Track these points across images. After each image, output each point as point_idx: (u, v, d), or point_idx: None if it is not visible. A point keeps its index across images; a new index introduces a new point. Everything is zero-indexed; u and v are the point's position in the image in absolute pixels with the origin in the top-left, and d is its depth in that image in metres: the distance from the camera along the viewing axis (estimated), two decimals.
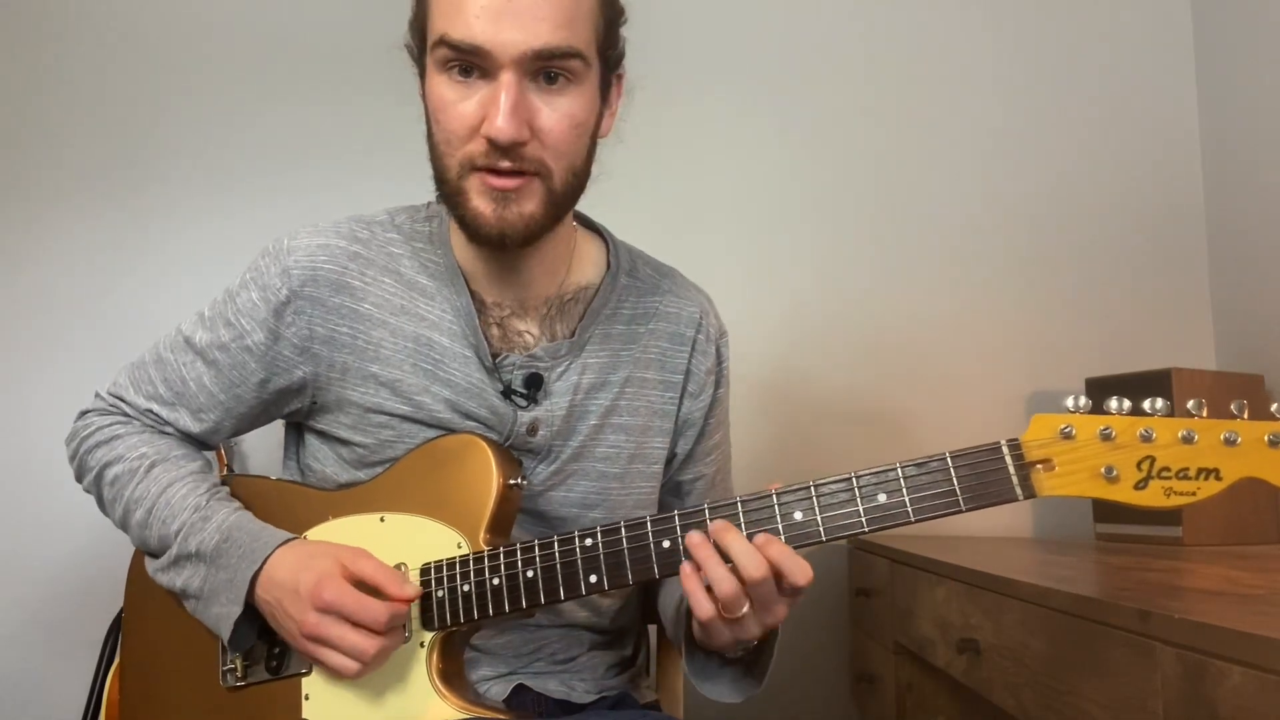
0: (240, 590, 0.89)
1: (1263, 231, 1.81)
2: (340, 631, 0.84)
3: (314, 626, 0.85)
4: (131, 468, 0.98)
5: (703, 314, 1.07)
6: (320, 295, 0.96)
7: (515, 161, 0.85)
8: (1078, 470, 0.75)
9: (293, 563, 0.88)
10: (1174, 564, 1.21)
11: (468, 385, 0.96)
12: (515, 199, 0.87)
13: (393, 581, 0.86)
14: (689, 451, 1.08)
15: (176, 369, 1.01)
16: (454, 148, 0.87)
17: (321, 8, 2.03)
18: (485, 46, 0.82)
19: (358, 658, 0.85)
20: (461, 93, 0.85)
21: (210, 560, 0.92)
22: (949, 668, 1.26)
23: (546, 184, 0.88)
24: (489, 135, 0.84)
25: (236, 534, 0.92)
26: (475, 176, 0.87)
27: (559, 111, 0.86)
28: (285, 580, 0.88)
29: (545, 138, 0.86)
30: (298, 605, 0.86)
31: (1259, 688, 0.63)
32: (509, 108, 0.83)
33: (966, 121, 2.02)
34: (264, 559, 0.89)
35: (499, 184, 0.86)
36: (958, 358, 1.97)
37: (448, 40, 0.84)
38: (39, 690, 1.88)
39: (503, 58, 0.83)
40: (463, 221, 0.90)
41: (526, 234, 0.89)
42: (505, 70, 0.83)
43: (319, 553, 0.89)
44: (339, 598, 0.84)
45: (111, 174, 1.99)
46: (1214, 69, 1.97)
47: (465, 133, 0.86)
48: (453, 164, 0.87)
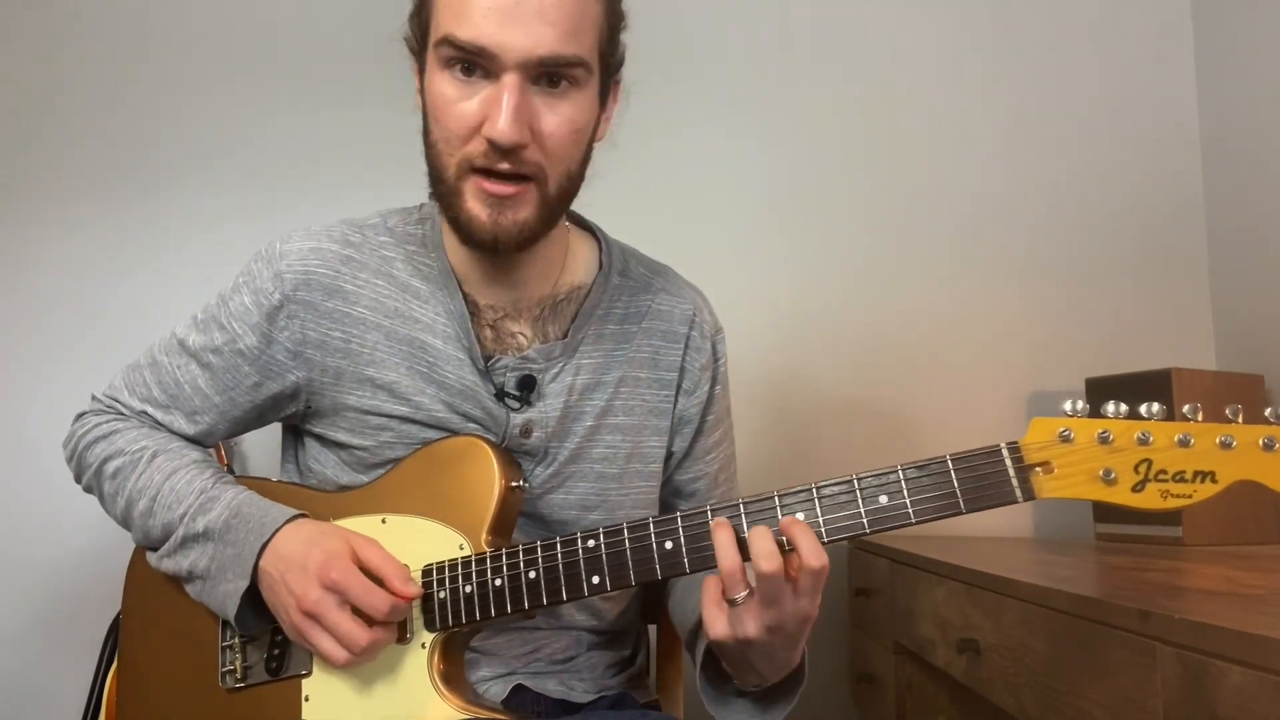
0: (247, 564, 0.89)
1: (1263, 231, 1.82)
2: (338, 616, 0.84)
3: (314, 604, 0.84)
4: (133, 459, 0.98)
5: (696, 311, 1.07)
6: (313, 299, 0.96)
7: (514, 164, 0.85)
8: (1076, 473, 0.75)
9: (304, 538, 0.88)
10: (1174, 564, 1.22)
11: (461, 387, 0.96)
12: (511, 205, 0.87)
13: (398, 576, 0.86)
14: (688, 450, 1.07)
15: (171, 371, 1.01)
16: (453, 147, 0.87)
17: (327, 14, 2.03)
18: (491, 48, 0.82)
19: (349, 646, 0.84)
20: (463, 92, 0.85)
21: (219, 538, 0.92)
22: (949, 668, 1.26)
23: (541, 190, 0.88)
24: (490, 137, 0.83)
25: (246, 509, 0.92)
26: (472, 179, 0.87)
27: (560, 116, 0.86)
28: (293, 554, 0.87)
29: (545, 142, 0.86)
30: (302, 580, 0.85)
31: (1259, 688, 0.64)
32: (512, 111, 0.83)
33: (966, 121, 2.02)
34: (274, 531, 0.89)
35: (496, 190, 0.86)
36: (958, 358, 1.97)
37: (453, 40, 0.83)
38: (39, 690, 1.88)
39: (507, 60, 0.83)
40: (456, 223, 0.90)
41: (520, 240, 0.89)
42: (509, 72, 0.83)
43: (331, 533, 0.89)
44: (345, 578, 0.84)
45: (115, 178, 1.99)
46: (1214, 69, 1.97)
47: (465, 132, 0.85)
48: (450, 163, 0.87)
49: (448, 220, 0.92)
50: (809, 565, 0.76)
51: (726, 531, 0.79)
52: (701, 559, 0.82)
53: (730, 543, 0.78)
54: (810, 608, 0.79)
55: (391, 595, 0.85)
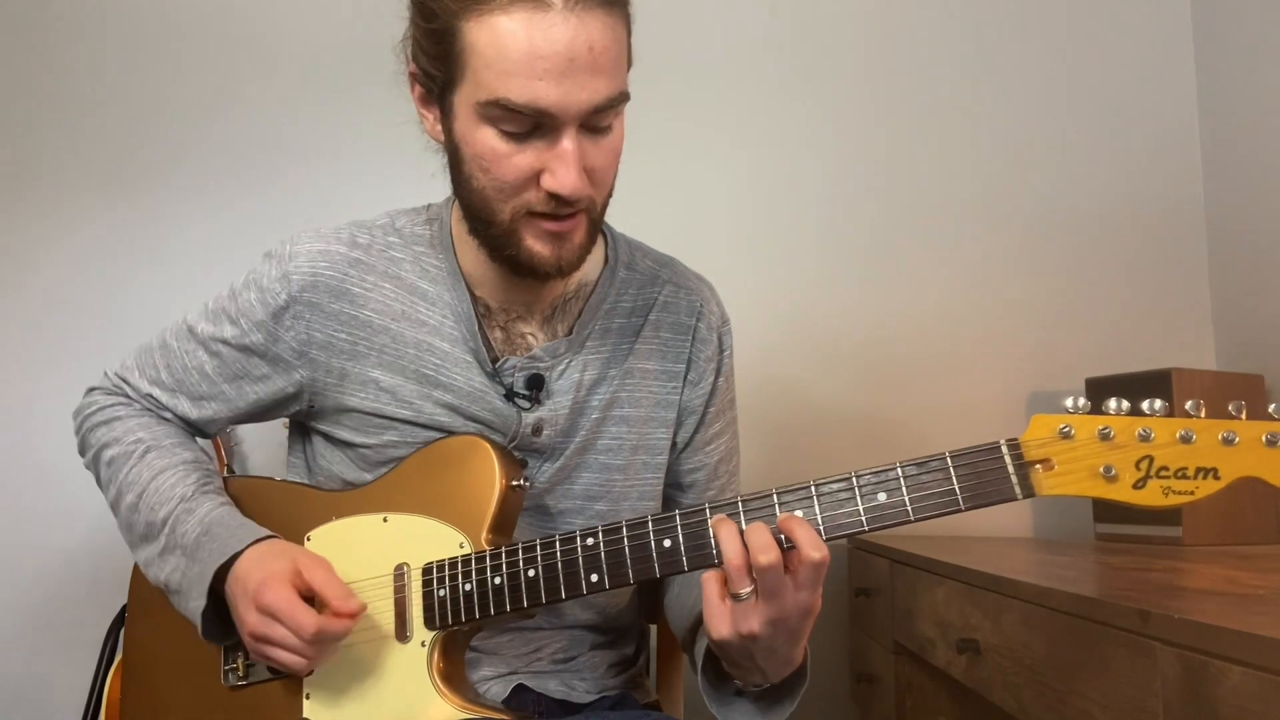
0: (205, 585, 0.90)
1: (1263, 231, 1.82)
2: (281, 633, 0.85)
3: (255, 625, 0.86)
4: (127, 450, 1.00)
5: (703, 302, 1.07)
6: (319, 301, 0.97)
7: (573, 206, 0.86)
8: (1077, 470, 0.75)
9: (254, 562, 0.89)
10: (1174, 564, 1.22)
11: (469, 390, 0.96)
12: (569, 236, 0.89)
13: (337, 597, 0.86)
14: (689, 440, 1.08)
15: (180, 356, 1.02)
16: (507, 195, 0.86)
17: (324, 7, 2.03)
18: (552, 111, 0.81)
19: (291, 665, 0.87)
20: (515, 146, 0.84)
21: (189, 553, 0.93)
22: (949, 668, 1.26)
23: (591, 215, 0.90)
24: (556, 192, 0.84)
25: (216, 528, 0.93)
26: (532, 221, 0.87)
27: (605, 149, 0.87)
28: (244, 577, 0.88)
29: (595, 176, 0.87)
30: (244, 603, 0.87)
31: (1259, 688, 0.64)
32: (576, 166, 0.83)
33: (966, 121, 2.02)
34: (234, 554, 0.90)
35: (558, 230, 0.87)
36: (958, 358, 1.97)
37: (509, 104, 0.81)
38: (39, 690, 1.88)
39: (566, 117, 0.82)
40: (514, 260, 0.90)
41: (579, 263, 0.92)
42: (568, 127, 0.83)
43: (279, 554, 0.90)
44: (275, 601, 0.85)
45: (115, 174, 1.99)
46: (1214, 69, 1.97)
47: (522, 183, 0.85)
48: (504, 209, 0.87)
49: (504, 260, 0.92)
50: (809, 558, 0.76)
51: (729, 526, 0.78)
52: (700, 557, 0.82)
53: (734, 536, 0.78)
54: (811, 600, 0.78)
55: (321, 616, 0.85)
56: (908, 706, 1.51)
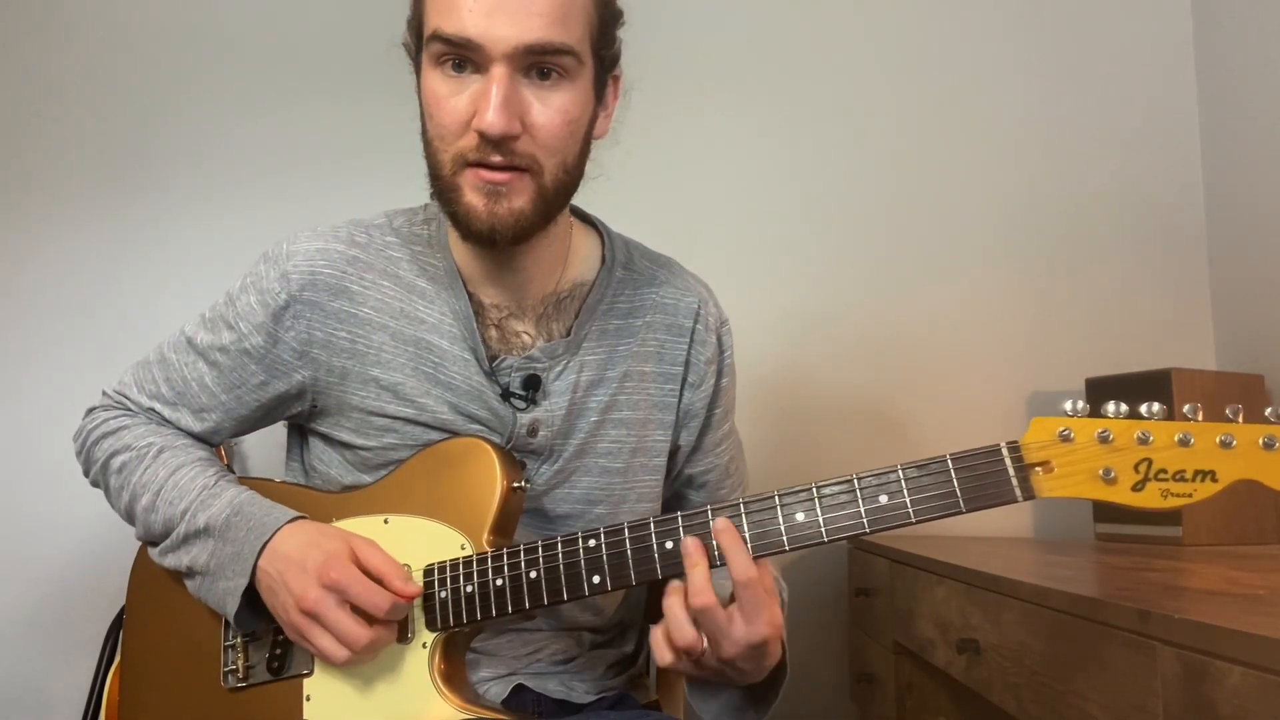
0: (247, 563, 0.89)
1: (1263, 232, 1.82)
2: (338, 615, 0.85)
3: (314, 603, 0.85)
4: (139, 454, 0.99)
5: (701, 303, 1.07)
6: (319, 300, 0.97)
7: (507, 156, 0.86)
8: (1076, 472, 0.75)
9: (303, 539, 0.89)
10: (1174, 564, 1.22)
11: (468, 388, 0.96)
12: (506, 194, 0.87)
13: (398, 576, 0.87)
14: (696, 444, 1.07)
15: (179, 369, 1.02)
16: (447, 143, 0.87)
17: (322, 10, 2.03)
18: (477, 40, 0.83)
19: (349, 644, 0.85)
20: (454, 87, 0.86)
21: (219, 534, 0.92)
22: (949, 668, 1.26)
23: (537, 180, 0.88)
24: (479, 129, 0.84)
25: (248, 508, 0.93)
26: (468, 172, 0.87)
27: (551, 107, 0.86)
28: (292, 554, 0.88)
29: (537, 133, 0.86)
30: (301, 579, 0.86)
31: (1259, 688, 0.64)
32: (499, 101, 0.83)
33: (966, 121, 2.02)
34: (273, 532, 0.90)
35: (490, 176, 0.86)
36: (958, 358, 1.97)
37: (440, 34, 0.84)
38: (39, 690, 1.88)
39: (494, 52, 0.83)
40: (455, 217, 0.90)
41: (516, 230, 0.89)
42: (496, 64, 0.84)
43: (331, 534, 0.90)
44: (345, 577, 0.85)
45: (113, 176, 1.99)
46: (1214, 68, 1.97)
47: (458, 127, 0.86)
48: (446, 159, 0.88)
49: (448, 216, 0.92)
50: (735, 580, 0.77)
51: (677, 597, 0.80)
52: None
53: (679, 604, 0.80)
54: (765, 629, 0.79)
55: (391, 594, 0.85)
56: (908, 706, 1.51)
